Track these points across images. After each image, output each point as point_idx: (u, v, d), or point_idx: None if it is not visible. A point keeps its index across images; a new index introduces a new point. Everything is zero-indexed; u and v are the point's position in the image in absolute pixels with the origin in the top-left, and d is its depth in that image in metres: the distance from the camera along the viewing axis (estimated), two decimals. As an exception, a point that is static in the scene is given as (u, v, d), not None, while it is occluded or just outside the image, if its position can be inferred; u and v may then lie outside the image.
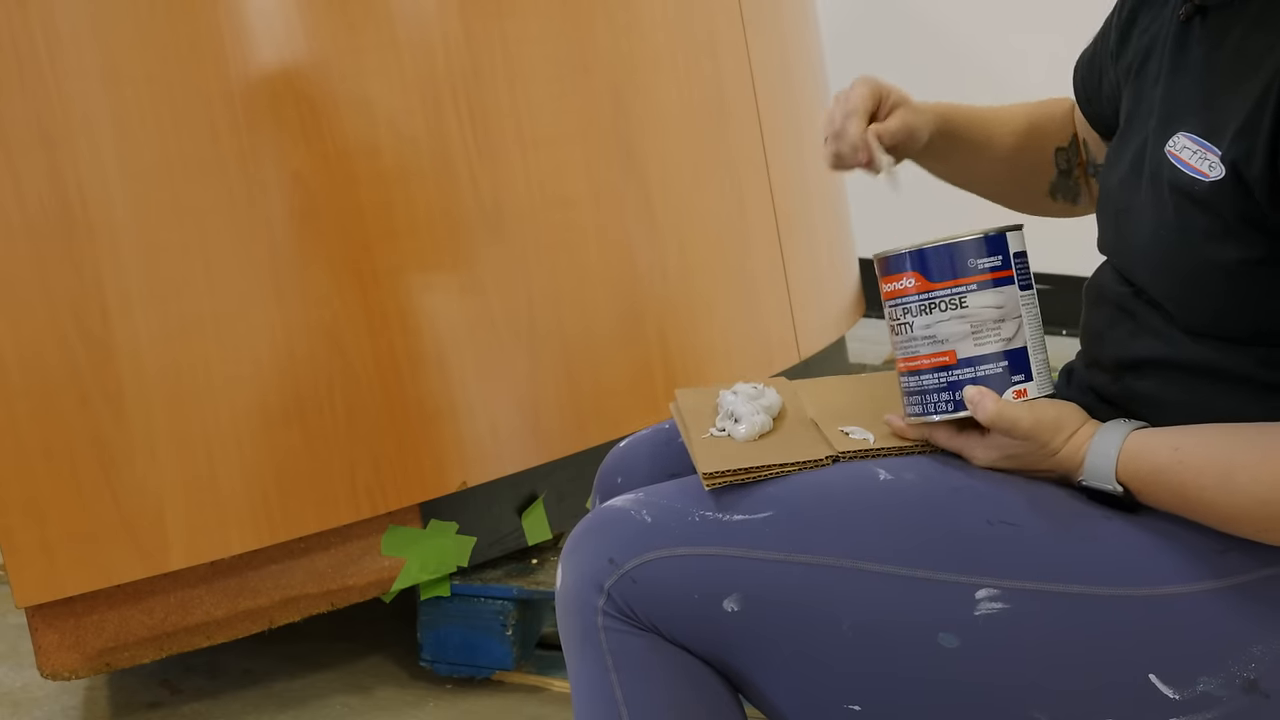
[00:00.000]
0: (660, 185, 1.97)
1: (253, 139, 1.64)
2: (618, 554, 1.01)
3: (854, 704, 0.98)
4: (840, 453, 1.06)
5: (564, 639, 1.05)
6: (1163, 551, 0.97)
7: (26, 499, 1.59)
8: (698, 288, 2.04)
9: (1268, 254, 0.92)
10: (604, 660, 1.00)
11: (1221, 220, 0.93)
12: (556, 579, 1.06)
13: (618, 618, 1.00)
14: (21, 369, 1.57)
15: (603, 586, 1.01)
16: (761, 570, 0.99)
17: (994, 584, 0.96)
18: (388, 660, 1.97)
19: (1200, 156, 0.94)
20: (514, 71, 1.80)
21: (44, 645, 1.68)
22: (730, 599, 0.99)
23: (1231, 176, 0.91)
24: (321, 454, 1.70)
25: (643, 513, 1.03)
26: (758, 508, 1.01)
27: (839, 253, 2.57)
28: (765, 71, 2.20)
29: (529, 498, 1.91)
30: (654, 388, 1.96)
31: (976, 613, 0.96)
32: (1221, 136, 0.93)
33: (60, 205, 1.57)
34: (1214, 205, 0.93)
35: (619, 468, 1.28)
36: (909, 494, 1.01)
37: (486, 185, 1.78)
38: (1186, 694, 0.94)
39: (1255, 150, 0.90)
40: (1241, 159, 0.91)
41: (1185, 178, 0.94)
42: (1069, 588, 0.96)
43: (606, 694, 1.00)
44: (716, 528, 1.01)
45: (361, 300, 1.71)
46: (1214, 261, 0.94)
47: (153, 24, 1.59)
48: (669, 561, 1.00)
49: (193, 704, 1.87)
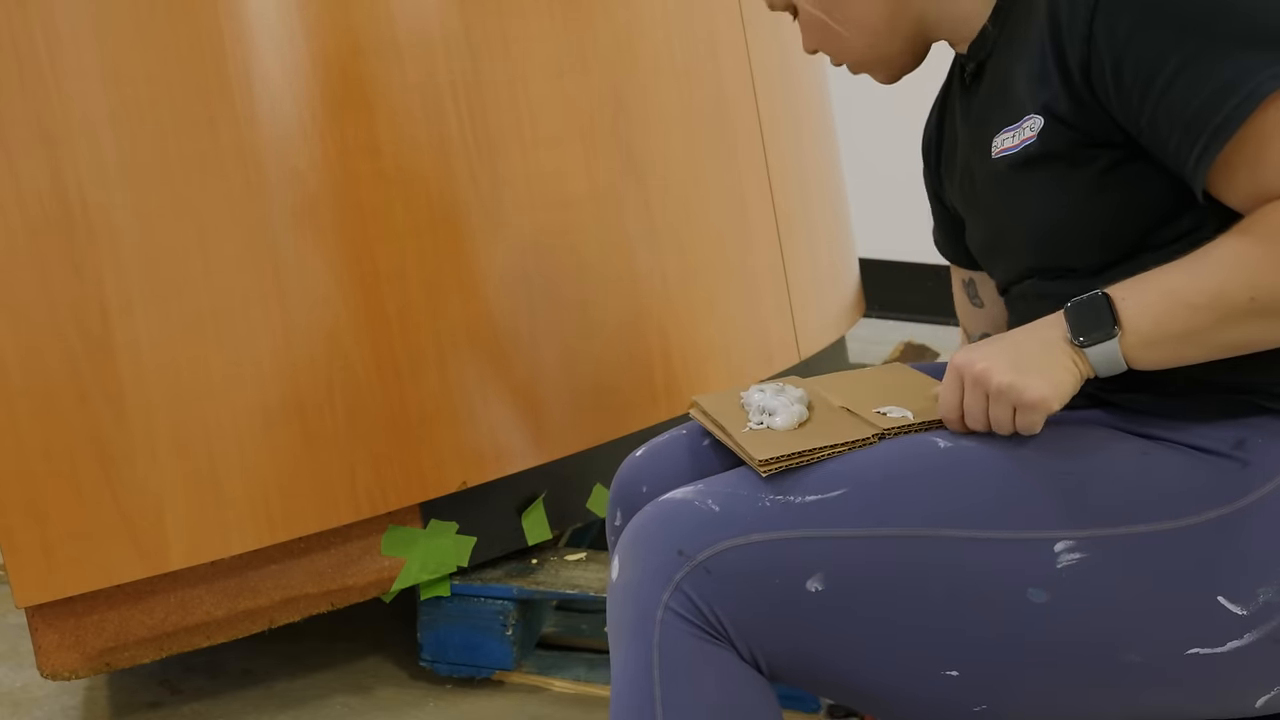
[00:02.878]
0: (660, 185, 1.97)
1: (253, 139, 1.64)
2: (687, 545, 1.00)
3: (951, 670, 1.00)
4: (885, 429, 1.08)
5: (612, 630, 1.04)
6: (1197, 478, 1.01)
7: (26, 499, 1.59)
8: (698, 288, 2.04)
9: (1111, 161, 1.02)
10: (650, 656, 0.99)
11: (1061, 158, 1.03)
12: (611, 571, 1.05)
13: (680, 614, 0.99)
14: (21, 369, 1.57)
15: (672, 579, 0.99)
16: (843, 548, 1.00)
17: (1069, 535, 0.99)
18: (388, 660, 1.97)
19: (1016, 132, 1.05)
20: (514, 71, 1.80)
21: (44, 645, 1.68)
22: (814, 579, 0.99)
23: (1049, 118, 1.02)
24: (321, 454, 1.70)
25: (708, 502, 1.02)
26: (828, 487, 1.02)
27: (839, 252, 2.57)
28: (765, 71, 2.20)
29: (529, 498, 1.91)
30: (654, 387, 1.96)
31: (1059, 565, 0.99)
32: (1024, 106, 1.05)
33: (60, 205, 1.57)
34: (1049, 152, 1.03)
35: (642, 476, 1.26)
36: (973, 458, 1.03)
37: (487, 185, 1.78)
38: (1252, 607, 0.98)
39: (1056, 92, 1.02)
40: (1051, 101, 1.02)
41: (1019, 154, 1.05)
42: (1134, 528, 0.99)
43: (646, 692, 0.99)
44: (791, 510, 1.01)
45: (361, 300, 1.71)
46: (1077, 196, 1.04)
47: (153, 24, 1.59)
48: (745, 549, 0.99)
49: (193, 704, 1.87)
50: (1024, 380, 0.99)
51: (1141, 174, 1.02)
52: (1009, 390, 1.00)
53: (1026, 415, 1.00)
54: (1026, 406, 1.00)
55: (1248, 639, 0.99)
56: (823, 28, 1.17)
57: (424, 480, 1.76)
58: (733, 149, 2.13)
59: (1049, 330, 1.01)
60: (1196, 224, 1.01)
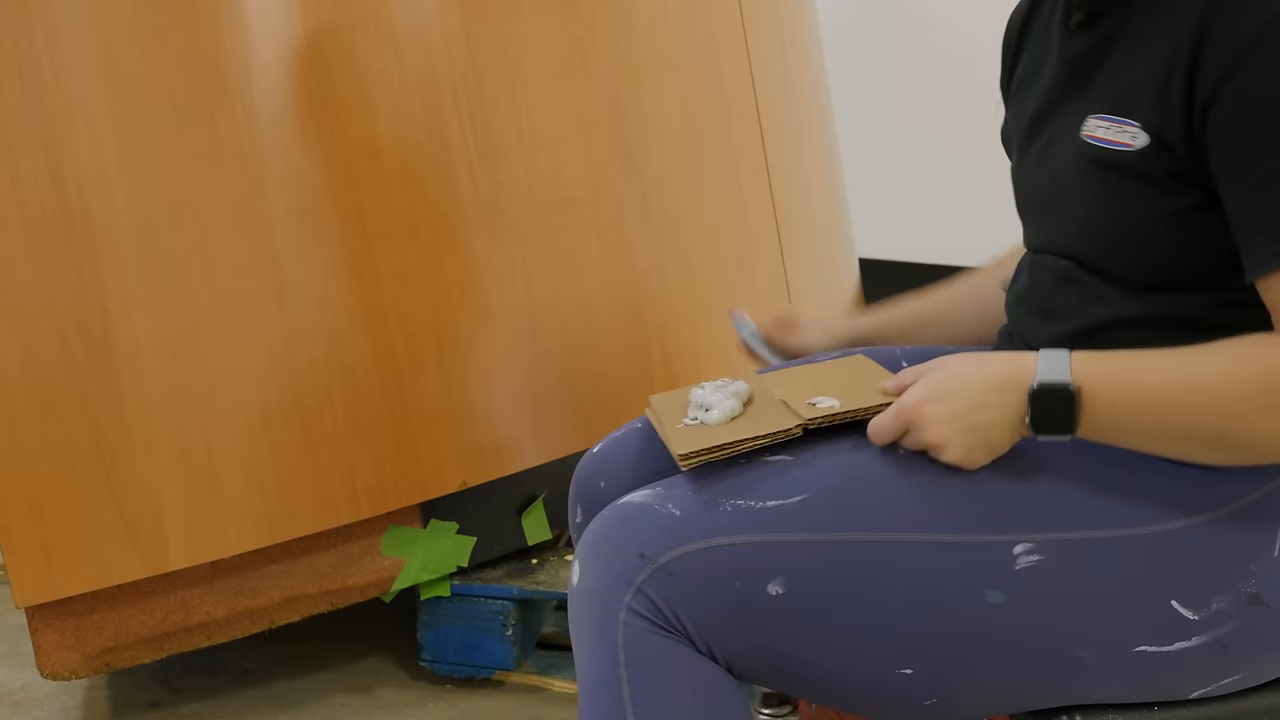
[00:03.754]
0: (660, 185, 1.97)
1: (253, 139, 1.64)
2: (648, 548, 1.01)
3: (905, 668, 1.01)
4: (808, 420, 1.07)
5: (576, 634, 1.05)
6: (1163, 488, 1.02)
7: (26, 499, 1.59)
8: (697, 287, 2.04)
9: (1195, 202, 1.00)
10: (616, 656, 1.00)
11: (1150, 180, 1.01)
12: (572, 575, 1.05)
13: (642, 614, 1.00)
14: (21, 369, 1.57)
15: (633, 581, 1.00)
16: (803, 552, 1.01)
17: (1030, 538, 1.00)
18: (388, 660, 1.97)
19: (1117, 130, 1.03)
20: (514, 71, 1.80)
21: (44, 645, 1.68)
22: (774, 583, 1.00)
23: (1155, 141, 1.00)
24: (321, 454, 1.70)
25: (668, 506, 1.03)
26: (789, 492, 1.03)
27: (839, 252, 2.57)
28: (765, 71, 2.20)
29: (529, 498, 1.91)
30: (654, 387, 1.96)
31: (1017, 567, 1.00)
32: (1134, 109, 1.02)
33: (60, 205, 1.57)
34: (1140, 169, 1.01)
35: (599, 471, 1.27)
36: (934, 463, 1.03)
37: (486, 185, 1.78)
38: (1203, 613, 1.00)
39: (1171, 117, 0.99)
40: (1162, 124, 0.99)
41: (1109, 152, 1.03)
42: (1096, 533, 1.01)
43: (614, 691, 1.00)
44: (751, 515, 1.02)
45: (361, 300, 1.71)
46: (1150, 217, 1.02)
47: (153, 23, 1.59)
48: (707, 553, 1.00)
49: (193, 704, 1.88)
50: (951, 454, 1.01)
51: (1216, 223, 1.00)
52: (934, 450, 1.02)
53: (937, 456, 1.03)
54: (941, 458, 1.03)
55: (1195, 641, 1.00)
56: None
57: (424, 480, 1.76)
58: (733, 149, 2.13)
59: (1006, 406, 1.01)
60: (1245, 289, 1.01)
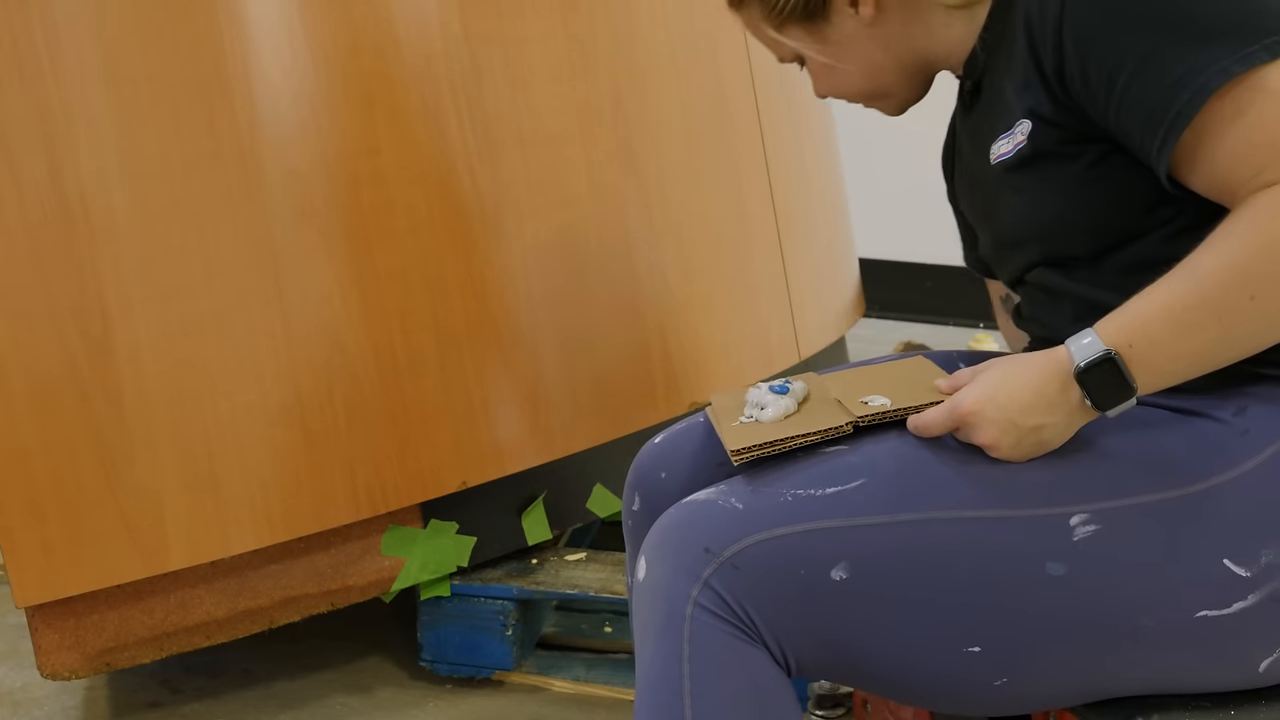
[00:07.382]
0: (660, 185, 1.97)
1: (252, 139, 1.64)
2: (714, 543, 1.03)
3: (973, 646, 1.03)
4: (859, 418, 1.10)
5: (638, 627, 1.07)
6: (1201, 445, 1.04)
7: (26, 499, 1.59)
8: (698, 287, 2.04)
9: (1100, 152, 1.07)
10: (680, 650, 1.02)
11: (1052, 157, 1.09)
12: (638, 570, 1.08)
13: (709, 609, 1.02)
14: (21, 369, 1.57)
15: (700, 576, 1.02)
16: (864, 535, 1.03)
17: (1084, 508, 1.03)
18: (388, 660, 1.97)
19: (1010, 139, 1.12)
20: (514, 71, 1.80)
21: (44, 645, 1.68)
22: (838, 568, 1.02)
23: (1036, 121, 1.09)
24: (321, 454, 1.70)
25: (730, 500, 1.06)
26: (847, 478, 1.05)
27: (839, 252, 2.57)
28: (765, 71, 2.20)
29: (529, 498, 1.91)
30: (654, 387, 1.96)
31: (1075, 538, 1.02)
32: (1013, 114, 1.12)
33: (60, 205, 1.57)
34: (1041, 150, 1.09)
35: (659, 463, 1.30)
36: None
37: (486, 185, 1.78)
38: (1255, 569, 1.02)
39: (1039, 97, 1.08)
40: (1035, 104, 1.08)
41: (1013, 157, 1.12)
42: (1146, 497, 1.03)
43: (675, 684, 1.02)
44: (811, 503, 1.04)
45: (361, 300, 1.71)
46: (1073, 187, 1.09)
47: (153, 24, 1.59)
48: (771, 544, 1.03)
49: (193, 704, 1.88)
50: (1001, 453, 1.04)
51: (1126, 165, 1.07)
52: (985, 448, 1.04)
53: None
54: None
55: (1252, 600, 1.02)
56: (829, 71, 1.25)
57: (424, 480, 1.76)
58: (733, 149, 2.13)
59: (1055, 408, 1.02)
60: (1183, 207, 1.06)
